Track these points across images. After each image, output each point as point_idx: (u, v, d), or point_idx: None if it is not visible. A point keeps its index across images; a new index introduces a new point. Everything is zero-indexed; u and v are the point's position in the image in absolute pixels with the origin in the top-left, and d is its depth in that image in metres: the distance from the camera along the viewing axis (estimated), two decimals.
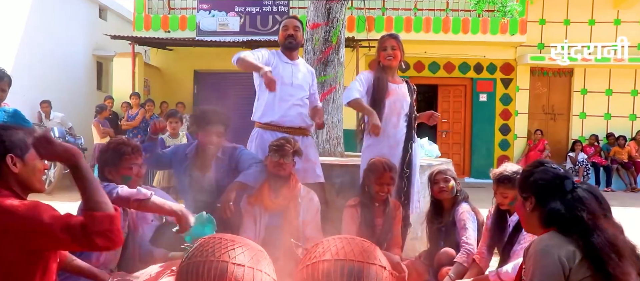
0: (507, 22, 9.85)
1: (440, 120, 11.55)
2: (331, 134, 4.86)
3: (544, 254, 1.72)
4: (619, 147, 10.56)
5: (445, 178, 3.18)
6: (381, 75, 3.44)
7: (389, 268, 2.28)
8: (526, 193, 1.89)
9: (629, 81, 11.04)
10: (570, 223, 1.75)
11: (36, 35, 9.82)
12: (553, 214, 1.79)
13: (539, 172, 1.87)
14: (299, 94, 3.61)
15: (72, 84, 10.81)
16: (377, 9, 10.62)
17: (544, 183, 1.84)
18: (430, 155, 5.59)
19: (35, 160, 1.79)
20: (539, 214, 1.84)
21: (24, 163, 1.77)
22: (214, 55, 10.74)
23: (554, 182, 1.83)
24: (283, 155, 3.07)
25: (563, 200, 1.79)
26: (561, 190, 1.81)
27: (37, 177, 1.82)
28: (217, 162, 3.33)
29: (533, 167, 1.92)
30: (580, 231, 1.73)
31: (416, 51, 10.47)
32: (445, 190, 3.14)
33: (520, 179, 1.96)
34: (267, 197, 3.09)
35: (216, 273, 2.00)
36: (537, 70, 11.14)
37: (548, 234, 1.79)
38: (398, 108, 3.46)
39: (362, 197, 3.12)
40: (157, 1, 10.89)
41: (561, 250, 1.70)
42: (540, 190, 1.84)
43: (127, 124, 8.93)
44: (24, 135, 1.80)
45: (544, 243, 1.75)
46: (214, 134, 3.27)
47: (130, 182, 2.48)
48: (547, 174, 1.85)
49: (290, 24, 3.61)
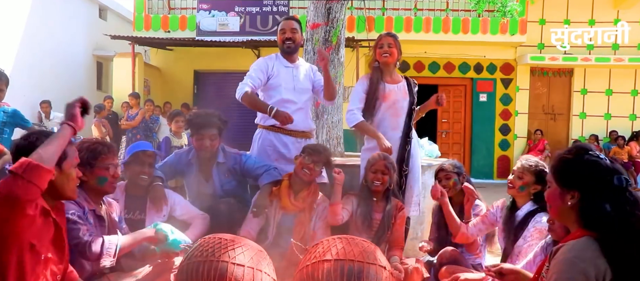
0: (507, 22, 9.85)
1: (440, 120, 11.63)
2: (331, 134, 4.86)
3: (572, 265, 1.47)
4: (619, 147, 10.56)
5: (446, 175, 3.18)
6: (377, 77, 3.43)
7: (389, 268, 2.28)
8: (566, 186, 1.58)
9: (629, 81, 11.04)
10: (616, 228, 1.47)
11: (36, 35, 9.83)
12: (599, 215, 1.49)
13: (588, 164, 1.56)
14: (302, 98, 3.59)
15: (72, 84, 10.81)
16: (377, 9, 10.62)
17: (595, 177, 1.53)
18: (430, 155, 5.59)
19: (71, 168, 1.81)
20: (581, 211, 1.54)
21: (61, 171, 1.78)
22: (214, 55, 10.75)
23: (606, 177, 1.52)
24: (315, 161, 3.07)
25: (614, 201, 1.50)
26: (611, 187, 1.51)
27: (70, 185, 1.82)
28: (218, 167, 3.32)
29: (576, 155, 1.60)
30: (626, 239, 1.46)
31: (416, 51, 10.48)
32: (447, 187, 3.14)
33: (560, 167, 1.62)
34: (285, 196, 3.10)
35: (216, 273, 2.00)
36: (537, 70, 11.15)
37: (581, 242, 1.51)
38: (397, 110, 3.44)
39: (360, 191, 3.13)
40: (157, 1, 10.90)
41: (590, 265, 1.45)
42: (589, 185, 1.53)
43: (127, 124, 8.94)
44: None
45: (575, 253, 1.49)
46: (207, 138, 3.25)
47: (106, 183, 2.37)
48: (599, 167, 1.54)
49: (288, 27, 3.56)
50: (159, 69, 11.43)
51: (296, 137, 3.56)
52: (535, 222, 2.59)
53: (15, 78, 3.95)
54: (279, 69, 3.54)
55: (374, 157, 3.10)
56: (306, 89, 3.64)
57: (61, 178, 1.78)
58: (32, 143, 1.76)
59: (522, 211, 2.70)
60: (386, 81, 3.44)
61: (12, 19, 9.36)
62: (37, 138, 1.80)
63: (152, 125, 8.84)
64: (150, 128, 8.79)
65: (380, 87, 3.40)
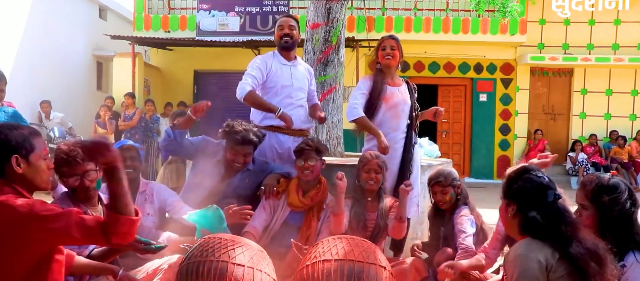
0: (507, 22, 9.84)
1: (440, 120, 11.57)
2: (331, 134, 4.86)
3: (523, 258, 1.77)
4: (619, 147, 10.56)
5: (443, 190, 3.08)
6: (379, 78, 3.44)
7: (389, 268, 2.28)
8: (509, 199, 1.94)
9: (629, 81, 11.04)
10: (546, 233, 1.81)
11: (36, 35, 9.83)
12: (531, 223, 1.84)
13: (524, 180, 1.92)
14: (299, 95, 3.60)
15: (72, 84, 10.81)
16: (377, 9, 10.62)
17: (527, 191, 1.89)
18: (430, 155, 5.60)
19: (39, 160, 1.80)
20: (518, 220, 1.89)
21: (28, 164, 1.77)
22: (214, 55, 10.75)
23: (537, 192, 1.88)
24: (306, 158, 3.07)
25: (543, 210, 1.84)
26: (543, 200, 1.86)
27: (41, 176, 1.82)
28: (244, 173, 3.26)
29: (518, 173, 1.96)
30: (556, 240, 1.79)
31: (416, 51, 10.47)
32: (443, 201, 3.10)
33: (505, 184, 1.99)
34: (294, 192, 3.10)
35: (216, 273, 2.00)
36: (537, 70, 11.14)
37: (525, 240, 1.84)
38: (398, 112, 3.45)
39: (354, 191, 3.12)
40: (157, 1, 10.89)
41: (539, 253, 1.76)
42: (522, 198, 1.89)
43: (124, 124, 8.94)
44: (29, 134, 1.80)
45: (521, 249, 1.80)
46: (241, 155, 3.17)
47: (77, 192, 2.41)
48: (531, 183, 1.90)
49: (285, 23, 3.56)
50: (159, 68, 11.43)
51: (294, 135, 3.56)
52: None
53: (15, 79, 3.95)
54: (277, 67, 3.54)
55: (366, 157, 3.10)
56: (303, 88, 3.64)
57: (30, 171, 1.77)
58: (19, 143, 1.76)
59: None
60: (388, 83, 3.46)
61: (12, 19, 9.35)
62: (0, 132, 1.76)
63: (152, 126, 8.84)
64: (150, 128, 8.79)
65: (383, 89, 3.42)
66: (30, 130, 1.84)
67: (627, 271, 1.94)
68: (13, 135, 1.75)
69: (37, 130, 1.93)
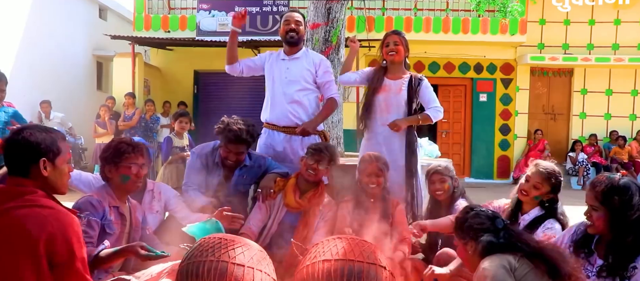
0: (507, 22, 9.85)
1: (440, 120, 11.56)
2: (331, 134, 4.86)
3: (490, 268, 1.91)
4: (619, 147, 10.56)
5: (442, 178, 3.14)
6: (378, 75, 3.46)
7: (389, 268, 2.28)
8: (465, 239, 2.11)
9: (629, 81, 11.04)
10: (504, 248, 2.00)
11: (36, 35, 9.82)
12: (489, 244, 2.02)
13: (471, 217, 2.12)
14: (292, 89, 3.52)
15: (72, 84, 10.80)
16: (377, 9, 10.62)
17: (477, 224, 2.08)
18: (430, 155, 5.59)
19: (64, 164, 1.84)
20: (478, 251, 2.05)
21: (54, 167, 1.80)
22: (214, 55, 10.72)
23: (487, 221, 2.08)
24: (318, 160, 3.03)
25: (497, 235, 2.04)
26: (494, 228, 2.06)
27: (63, 180, 1.85)
28: (242, 170, 3.30)
29: (465, 214, 2.16)
30: (514, 249, 1.99)
31: (416, 51, 10.45)
32: (441, 190, 3.13)
33: (457, 226, 2.16)
34: (290, 193, 3.08)
35: (216, 273, 1.99)
36: (537, 70, 11.14)
37: (486, 258, 1.98)
38: (388, 105, 3.45)
39: (356, 194, 3.12)
40: (157, 1, 10.89)
41: (502, 261, 1.94)
42: (475, 232, 2.07)
43: (124, 124, 8.94)
44: (57, 138, 1.84)
45: (485, 264, 1.95)
46: (234, 153, 3.22)
47: (128, 181, 2.46)
48: (479, 217, 2.10)
49: (292, 18, 3.56)
50: (159, 68, 11.43)
51: (290, 134, 3.52)
52: (545, 229, 2.57)
53: (15, 79, 3.95)
54: (273, 62, 3.59)
55: (366, 160, 3.09)
56: (298, 81, 3.54)
57: (54, 173, 1.80)
58: (25, 139, 1.77)
59: (529, 216, 2.67)
60: (387, 77, 3.50)
61: (12, 19, 9.34)
62: (31, 133, 1.80)
63: (152, 126, 8.84)
64: (150, 128, 8.78)
65: (379, 84, 3.48)
66: (58, 134, 1.88)
67: (637, 273, 1.94)
68: (43, 137, 1.78)
69: (64, 134, 1.97)
